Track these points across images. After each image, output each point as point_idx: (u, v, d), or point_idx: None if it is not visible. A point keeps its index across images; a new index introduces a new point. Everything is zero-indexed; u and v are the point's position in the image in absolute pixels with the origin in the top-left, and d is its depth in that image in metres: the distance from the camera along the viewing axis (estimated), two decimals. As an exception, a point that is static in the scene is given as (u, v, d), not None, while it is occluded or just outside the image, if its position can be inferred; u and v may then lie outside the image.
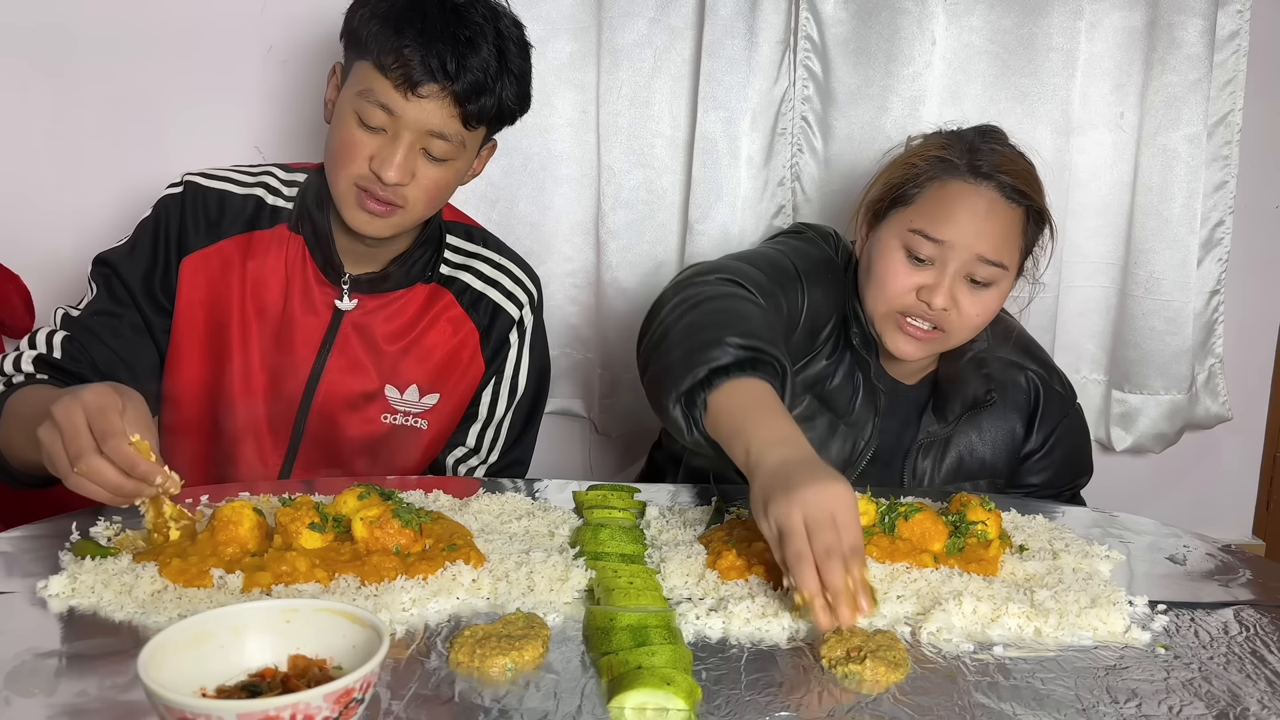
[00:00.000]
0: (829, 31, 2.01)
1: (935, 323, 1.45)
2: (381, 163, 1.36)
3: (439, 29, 1.33)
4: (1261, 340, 2.35)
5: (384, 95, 1.34)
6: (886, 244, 1.47)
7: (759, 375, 1.17)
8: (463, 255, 1.57)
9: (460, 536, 1.12)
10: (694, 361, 1.16)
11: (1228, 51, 2.06)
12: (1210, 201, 2.12)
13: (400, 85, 1.33)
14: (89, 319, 1.42)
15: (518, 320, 1.58)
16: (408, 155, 1.36)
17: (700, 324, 1.22)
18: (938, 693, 0.90)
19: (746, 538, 1.13)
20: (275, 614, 0.84)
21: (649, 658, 0.89)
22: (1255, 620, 1.07)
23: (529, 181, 2.07)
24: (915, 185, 1.46)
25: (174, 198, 1.48)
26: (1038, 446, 1.58)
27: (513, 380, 1.59)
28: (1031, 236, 1.49)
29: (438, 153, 1.38)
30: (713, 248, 2.02)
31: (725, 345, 1.16)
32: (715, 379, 1.15)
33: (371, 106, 1.35)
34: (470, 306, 1.55)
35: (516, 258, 1.62)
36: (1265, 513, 2.44)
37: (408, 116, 1.35)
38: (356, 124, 1.37)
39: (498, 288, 1.57)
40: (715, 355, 1.16)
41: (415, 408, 1.53)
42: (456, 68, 1.33)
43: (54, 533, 1.13)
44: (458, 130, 1.38)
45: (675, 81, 2.02)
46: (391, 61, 1.33)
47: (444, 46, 1.33)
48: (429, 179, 1.40)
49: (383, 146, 1.36)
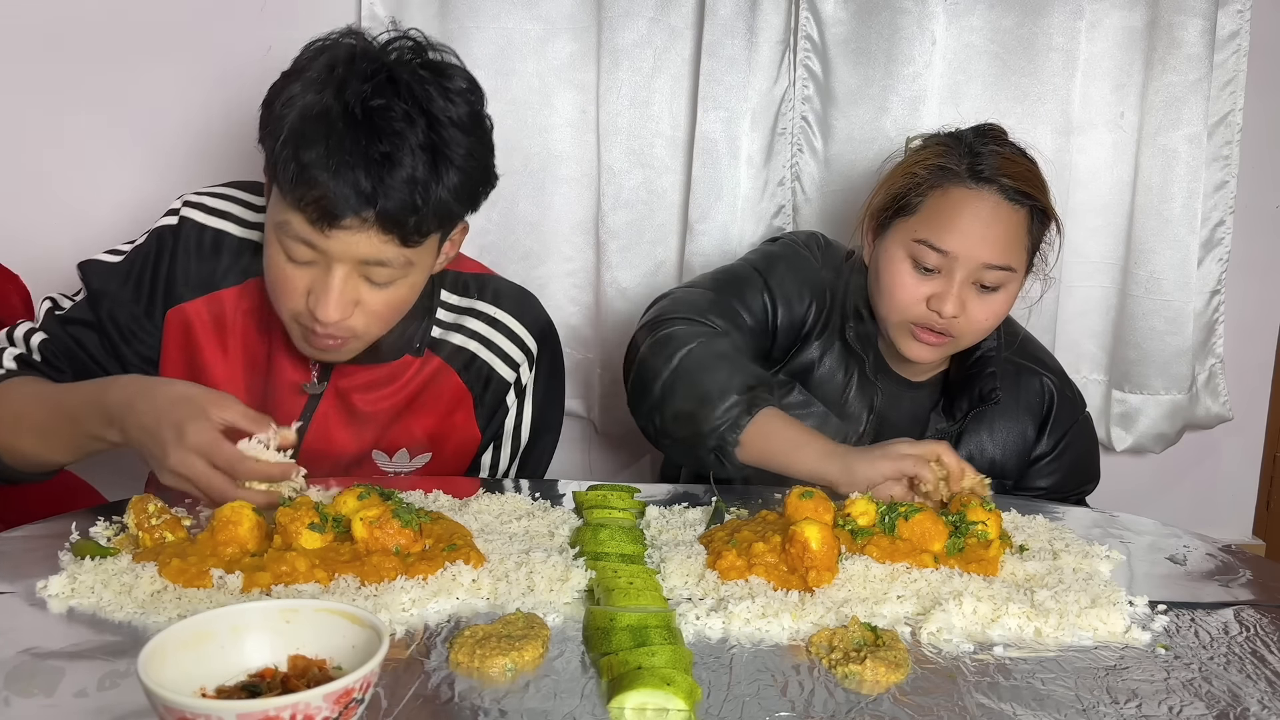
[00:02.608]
0: (829, 31, 2.01)
1: (945, 330, 1.45)
2: (317, 301, 1.20)
3: (349, 147, 1.13)
4: (1262, 340, 2.35)
5: (302, 230, 1.17)
6: (892, 254, 1.47)
7: (764, 404, 1.36)
8: (455, 313, 1.44)
9: (460, 536, 1.12)
10: (713, 420, 1.35)
11: (1228, 51, 2.06)
12: (1210, 201, 2.12)
13: (316, 221, 1.15)
14: (71, 326, 1.36)
15: (514, 382, 1.46)
16: (345, 288, 1.20)
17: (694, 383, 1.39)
18: (938, 693, 0.90)
19: (747, 538, 1.13)
20: (275, 614, 0.84)
21: (649, 658, 0.89)
22: (1255, 620, 1.07)
23: (529, 181, 2.07)
24: (917, 194, 1.47)
25: (169, 232, 1.37)
26: (1048, 450, 1.59)
27: (515, 436, 1.50)
28: (1038, 234, 1.49)
29: (381, 278, 1.22)
30: (713, 248, 2.03)
31: (730, 397, 1.36)
32: (739, 424, 1.35)
33: (292, 241, 1.19)
34: (463, 369, 1.43)
35: (518, 304, 1.47)
36: (1265, 513, 2.43)
37: (333, 249, 1.18)
38: (284, 258, 1.21)
39: (491, 348, 1.44)
40: (727, 410, 1.35)
41: (406, 468, 1.44)
42: (374, 190, 1.14)
43: (54, 533, 1.13)
44: (396, 253, 1.20)
45: (675, 81, 2.02)
46: (299, 197, 1.15)
47: (356, 172, 1.13)
48: (378, 303, 1.23)
49: (316, 280, 1.20)
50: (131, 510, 1.12)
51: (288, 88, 1.19)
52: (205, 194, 1.41)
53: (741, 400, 1.36)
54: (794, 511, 1.16)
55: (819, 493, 1.19)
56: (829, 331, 1.56)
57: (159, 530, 1.09)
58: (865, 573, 1.10)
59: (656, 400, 1.42)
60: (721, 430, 1.35)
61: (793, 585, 1.07)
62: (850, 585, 1.08)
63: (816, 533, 1.08)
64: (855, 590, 1.07)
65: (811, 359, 1.56)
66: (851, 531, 1.17)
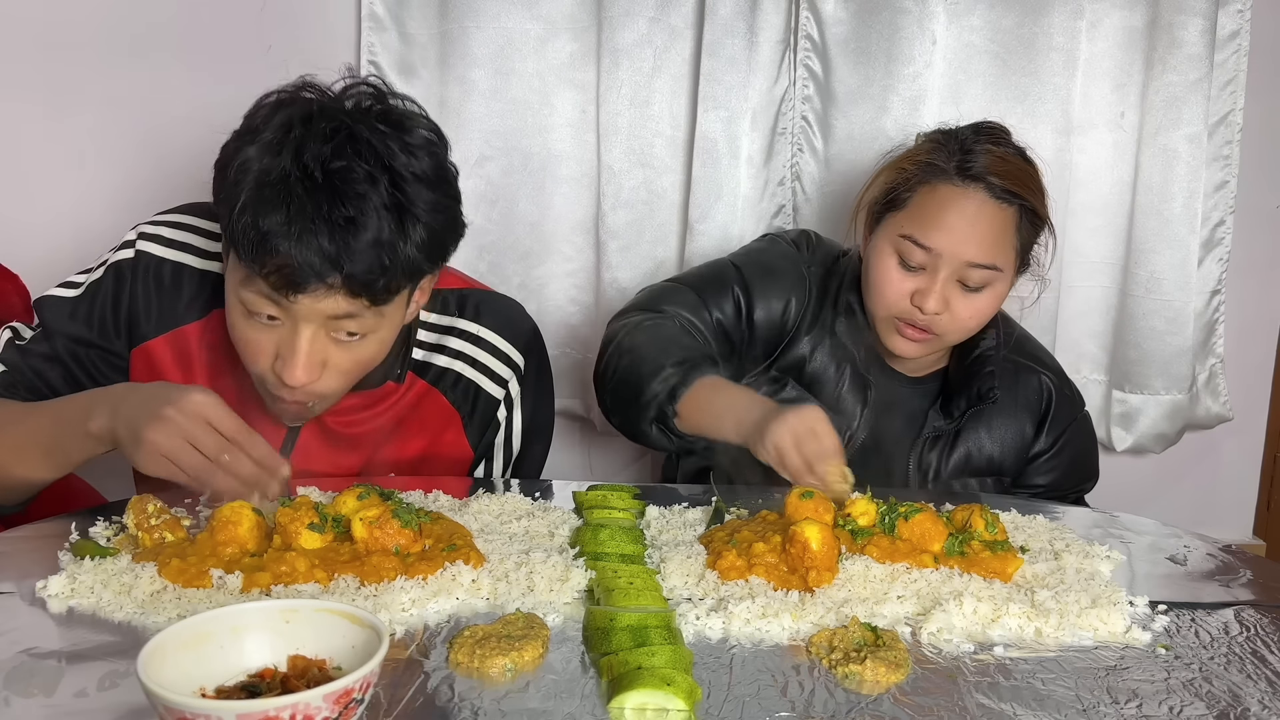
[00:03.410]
0: (829, 31, 2.01)
1: (928, 326, 1.45)
2: (284, 365, 1.16)
3: (310, 212, 1.09)
4: (1262, 340, 2.35)
5: (266, 292, 1.13)
6: (880, 249, 1.48)
7: (700, 374, 1.39)
8: (436, 333, 1.40)
9: (460, 537, 1.12)
10: (649, 392, 1.40)
11: (1228, 51, 2.06)
12: (1211, 201, 2.12)
13: (279, 288, 1.12)
14: (30, 359, 1.31)
15: (503, 398, 1.44)
16: (312, 349, 1.16)
17: (636, 362, 1.44)
18: (938, 693, 0.90)
19: (747, 538, 1.13)
20: (275, 614, 0.84)
21: (649, 658, 0.88)
22: (1256, 620, 1.07)
23: (529, 181, 2.07)
24: (906, 189, 1.47)
25: (126, 266, 1.31)
26: (1046, 448, 1.59)
27: (506, 447, 1.48)
28: (1028, 234, 1.48)
29: (350, 332, 1.18)
30: (713, 248, 2.02)
31: (665, 370, 1.40)
32: (675, 394, 1.38)
33: (256, 299, 1.14)
34: (449, 389, 1.40)
35: (501, 318, 1.44)
36: (1266, 513, 2.44)
37: (299, 310, 1.14)
38: (245, 320, 1.17)
39: (477, 366, 1.41)
40: (663, 381, 1.39)
41: None
42: (339, 254, 1.10)
43: (54, 533, 1.13)
44: (364, 308, 1.16)
45: (675, 81, 2.02)
46: (260, 265, 1.11)
47: (320, 239, 1.09)
48: (346, 361, 1.20)
49: (282, 342, 1.16)
50: (131, 510, 1.12)
51: (242, 150, 1.14)
52: (160, 223, 1.36)
53: (678, 370, 1.39)
54: (794, 511, 1.16)
55: (819, 493, 1.19)
56: (819, 327, 1.56)
57: (159, 530, 1.09)
58: (865, 573, 1.10)
59: (603, 379, 1.50)
60: (659, 400, 1.39)
61: (793, 585, 1.07)
62: (850, 585, 1.08)
63: (816, 533, 1.08)
64: (855, 590, 1.07)
65: (802, 355, 1.57)
66: (851, 531, 1.17)
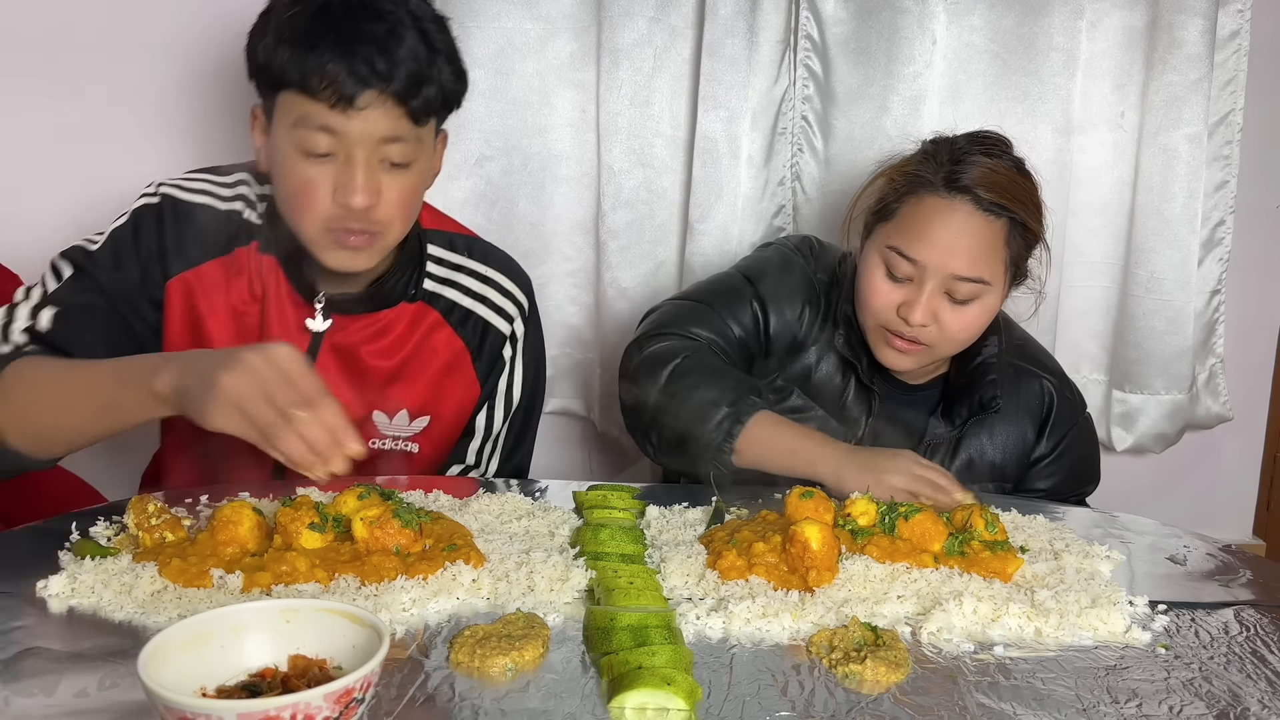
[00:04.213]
0: (829, 31, 2.01)
1: (915, 338, 1.45)
2: (344, 191, 1.26)
3: (354, 31, 1.24)
4: (1262, 340, 2.35)
5: (322, 118, 1.24)
6: (869, 259, 1.48)
7: (753, 410, 1.39)
8: (446, 268, 1.49)
9: (460, 536, 1.12)
10: (705, 438, 1.39)
11: (1228, 51, 2.06)
12: (1211, 201, 2.12)
13: (335, 103, 1.23)
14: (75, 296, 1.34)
15: (509, 334, 1.52)
16: (369, 174, 1.27)
17: (683, 399, 1.42)
18: (938, 693, 0.90)
19: (747, 538, 1.13)
20: (275, 614, 0.84)
21: (649, 658, 0.89)
22: (1255, 620, 1.07)
23: (529, 181, 2.07)
24: (895, 200, 1.46)
25: (151, 210, 1.39)
26: (1047, 452, 1.58)
27: (508, 394, 1.54)
28: (1019, 248, 1.45)
29: (397, 157, 1.29)
30: (713, 248, 2.03)
31: (721, 409, 1.39)
32: (733, 435, 1.38)
33: (312, 133, 1.25)
34: (459, 324, 1.48)
35: (505, 264, 1.54)
36: (1265, 513, 2.44)
37: (353, 132, 1.25)
38: (302, 159, 1.27)
39: (486, 303, 1.50)
40: (717, 426, 1.38)
41: (405, 431, 1.47)
42: (387, 66, 1.24)
43: (54, 533, 1.13)
44: (410, 128, 1.29)
45: (675, 81, 2.02)
46: (318, 82, 1.23)
47: (366, 48, 1.23)
48: (396, 191, 1.31)
49: (339, 174, 1.27)
50: (131, 510, 1.12)
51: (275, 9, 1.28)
52: (177, 178, 1.44)
53: (730, 411, 1.39)
54: (794, 511, 1.16)
55: (819, 493, 1.19)
56: (825, 336, 1.56)
57: (159, 530, 1.09)
58: (865, 573, 1.10)
59: (649, 422, 1.47)
60: (716, 444, 1.38)
61: (793, 585, 1.07)
62: (850, 585, 1.08)
63: (817, 533, 1.08)
64: (855, 590, 1.07)
65: (809, 363, 1.56)
66: (851, 531, 1.17)
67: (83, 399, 1.22)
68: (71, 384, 1.23)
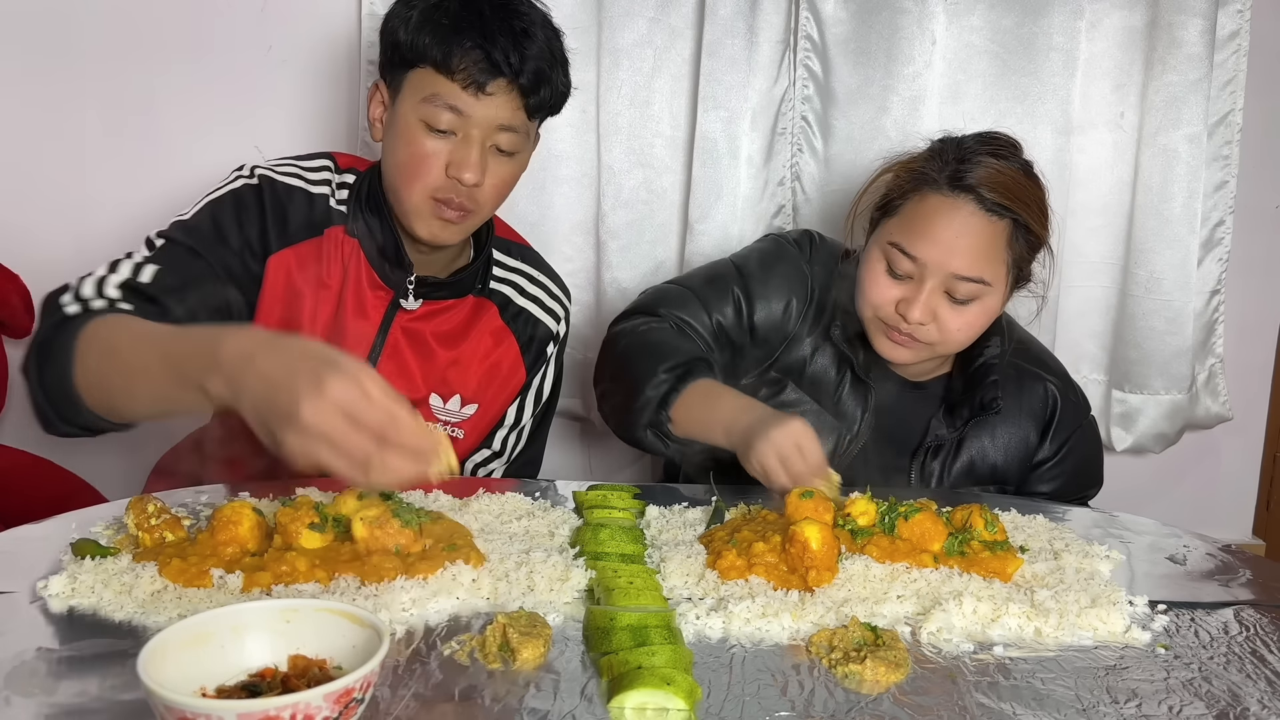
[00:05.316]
0: (829, 31, 2.01)
1: (911, 334, 1.44)
2: (459, 166, 1.37)
3: (496, 25, 1.35)
4: (1261, 340, 2.35)
5: (452, 97, 1.35)
6: (871, 254, 1.48)
7: (694, 378, 1.41)
8: (506, 270, 1.61)
9: (460, 536, 1.12)
10: (643, 397, 1.42)
11: (1228, 51, 2.06)
12: (1210, 201, 2.12)
13: (468, 85, 1.34)
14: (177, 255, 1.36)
15: (555, 334, 1.62)
16: (482, 154, 1.38)
17: (631, 367, 1.48)
18: (938, 693, 0.90)
19: (747, 538, 1.13)
20: (275, 614, 0.84)
21: (649, 658, 0.89)
22: (1255, 620, 1.07)
23: (529, 181, 2.06)
24: (900, 197, 1.46)
25: (251, 190, 1.45)
26: (1050, 455, 1.57)
27: (539, 389, 1.62)
28: (1021, 249, 1.45)
29: (506, 145, 1.40)
30: (713, 248, 2.03)
31: (659, 375, 1.43)
32: (668, 400, 1.40)
33: (439, 110, 1.36)
34: (511, 320, 1.58)
35: (552, 274, 1.66)
36: (1265, 513, 2.44)
37: (477, 115, 1.36)
38: (424, 132, 1.37)
39: (537, 303, 1.61)
40: (656, 386, 1.42)
41: (455, 417, 1.54)
42: (520, 60, 1.35)
43: (54, 533, 1.13)
44: (523, 121, 1.40)
45: (675, 81, 2.02)
46: (457, 63, 1.34)
47: (505, 40, 1.34)
48: (498, 177, 1.42)
49: (456, 150, 1.38)
50: (131, 510, 1.12)
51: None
52: (268, 163, 1.51)
53: (670, 376, 1.42)
54: (794, 511, 1.16)
55: (819, 492, 1.19)
56: (820, 329, 1.56)
57: (159, 530, 1.09)
58: (865, 573, 1.10)
59: (601, 386, 1.55)
60: (653, 406, 1.41)
61: (793, 585, 1.07)
62: (850, 585, 1.08)
63: (816, 533, 1.08)
64: (855, 590, 1.07)
65: (803, 356, 1.56)
66: (851, 531, 1.17)
67: (147, 375, 1.14)
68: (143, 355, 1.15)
